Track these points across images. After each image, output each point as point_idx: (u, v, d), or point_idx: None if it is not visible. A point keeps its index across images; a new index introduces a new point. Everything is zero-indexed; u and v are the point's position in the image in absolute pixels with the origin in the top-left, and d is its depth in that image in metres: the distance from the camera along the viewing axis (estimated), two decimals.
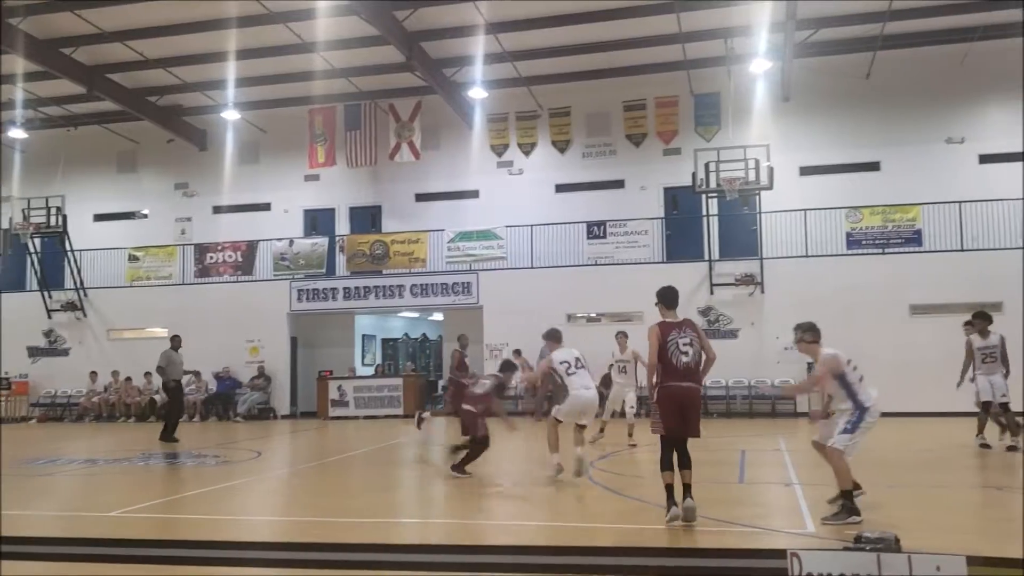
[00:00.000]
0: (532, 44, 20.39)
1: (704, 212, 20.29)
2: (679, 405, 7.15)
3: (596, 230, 20.87)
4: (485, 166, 23.24)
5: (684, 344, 7.21)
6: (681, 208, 21.50)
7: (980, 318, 12.03)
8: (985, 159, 19.98)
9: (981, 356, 11.86)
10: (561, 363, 9.68)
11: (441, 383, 22.72)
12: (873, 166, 20.66)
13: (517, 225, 21.44)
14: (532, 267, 21.03)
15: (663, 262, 20.67)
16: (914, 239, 18.94)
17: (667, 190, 21.83)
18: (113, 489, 10.26)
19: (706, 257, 19.97)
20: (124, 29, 19.47)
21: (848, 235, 19.39)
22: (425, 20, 19.35)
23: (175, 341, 15.95)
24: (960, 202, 18.65)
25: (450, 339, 22.63)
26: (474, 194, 23.23)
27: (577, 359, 9.74)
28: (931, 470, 10.58)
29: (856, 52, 19.92)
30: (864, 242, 19.27)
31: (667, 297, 7.78)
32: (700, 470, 7.71)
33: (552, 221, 21.31)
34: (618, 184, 22.32)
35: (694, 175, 19.25)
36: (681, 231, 21.27)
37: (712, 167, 19.05)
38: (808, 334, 7.62)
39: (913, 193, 19.41)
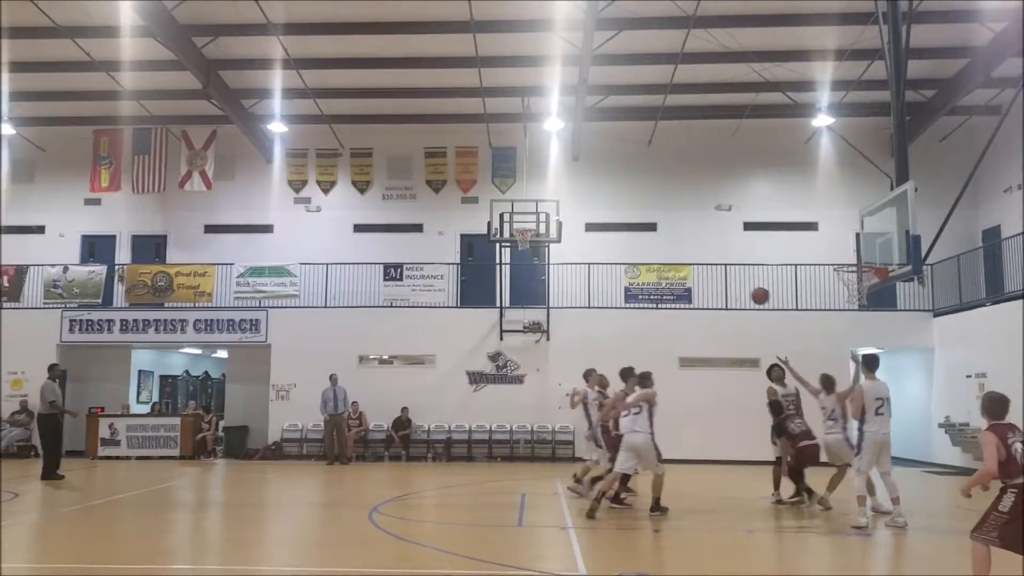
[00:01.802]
0: (336, 83, 20.42)
1: (497, 260, 20.98)
2: None
3: (393, 272, 21.00)
4: (281, 201, 22.84)
5: None
6: (476, 255, 22.12)
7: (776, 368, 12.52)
8: (749, 226, 22.04)
9: (786, 404, 12.29)
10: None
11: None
12: (651, 227, 22.20)
13: (312, 263, 21.15)
14: (326, 306, 20.78)
15: (457, 307, 21.12)
16: (684, 296, 20.50)
17: (463, 237, 22.38)
18: None
19: (497, 304, 20.60)
20: None
21: (627, 289, 20.67)
22: (226, 49, 18.94)
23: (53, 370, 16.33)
24: (726, 264, 20.40)
25: (235, 378, 21.86)
26: (268, 229, 22.75)
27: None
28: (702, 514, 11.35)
29: (640, 120, 21.47)
30: (640, 296, 20.62)
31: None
32: (480, 513, 8.05)
33: (349, 260, 21.23)
34: (417, 228, 22.63)
35: (489, 224, 19.82)
36: (475, 277, 21.87)
37: (506, 218, 19.70)
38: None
39: (685, 254, 21.04)
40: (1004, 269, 18.05)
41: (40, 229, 22.90)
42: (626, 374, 11.80)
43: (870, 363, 10.46)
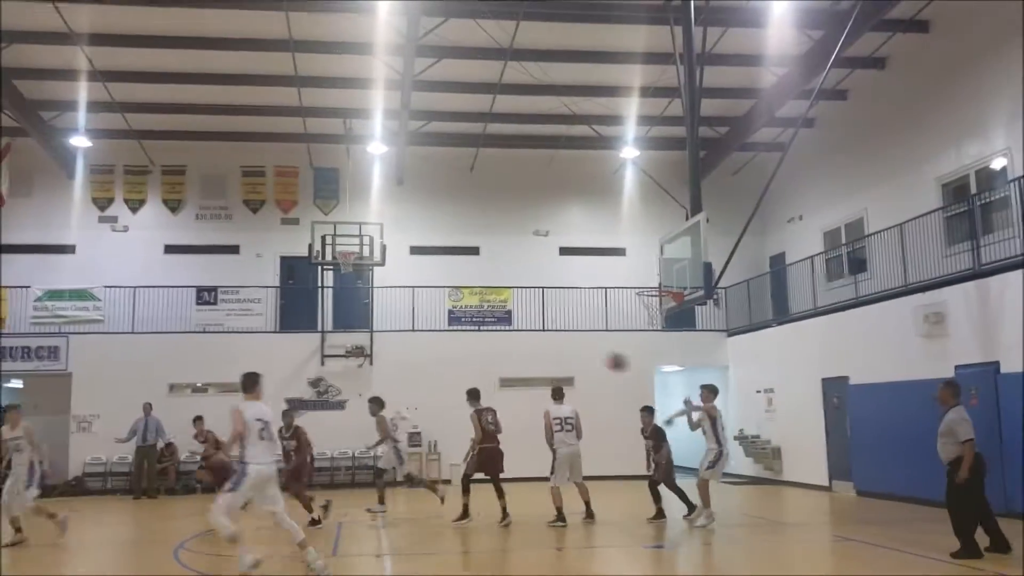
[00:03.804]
0: (146, 97, 19.53)
1: (319, 283, 20.73)
2: None
3: (207, 295, 20.27)
4: (85, 220, 21.50)
5: None
6: (297, 278, 21.75)
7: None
8: (564, 251, 23.01)
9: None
10: None
11: None
12: (474, 250, 22.71)
13: (119, 286, 20.02)
14: (133, 332, 19.71)
15: (276, 331, 20.67)
16: (505, 318, 21.11)
17: (284, 259, 21.95)
18: None
19: (319, 328, 20.33)
20: None
21: (450, 312, 21.03)
22: (21, 57, 17.61)
23: None
24: (544, 287, 21.19)
25: (30, 409, 20.17)
26: (70, 249, 21.34)
27: None
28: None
29: (463, 146, 22.00)
30: (463, 319, 21.04)
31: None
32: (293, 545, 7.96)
33: (160, 284, 20.26)
34: (233, 249, 21.93)
35: (310, 246, 19.60)
36: (296, 301, 21.47)
37: (329, 240, 19.56)
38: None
39: (506, 277, 21.69)
40: (788, 292, 19.90)
41: None
42: (557, 393, 12.64)
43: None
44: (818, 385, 17.18)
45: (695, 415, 12.23)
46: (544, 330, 20.82)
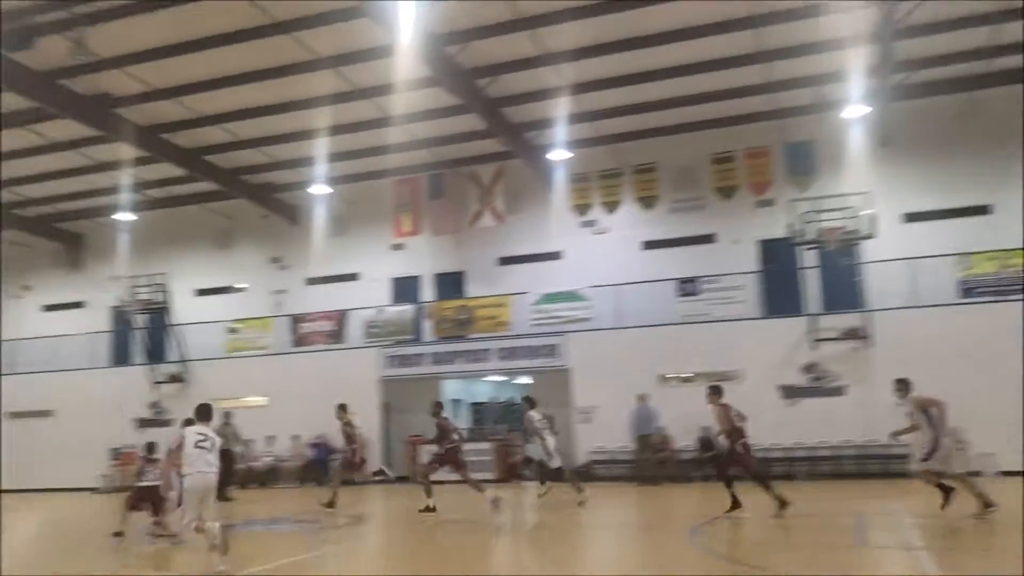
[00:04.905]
0: (613, 102, 20.19)
1: (802, 264, 19.40)
2: None
3: (688, 287, 20.21)
4: (568, 227, 23.01)
5: None
6: (778, 261, 20.64)
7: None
8: None
9: None
10: None
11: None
12: (982, 209, 19.39)
13: (603, 285, 20.99)
14: (620, 327, 20.46)
15: (760, 318, 19.81)
16: None
17: (762, 243, 21.06)
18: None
19: (806, 311, 18.99)
20: (219, 113, 20.31)
21: (961, 283, 18.14)
22: (505, 86, 19.41)
23: (227, 417, 18.85)
24: None
25: (539, 402, 22.16)
26: (557, 255, 23.01)
27: None
28: None
29: (958, 92, 18.94)
30: (978, 290, 17.96)
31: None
32: (813, 535, 7.30)
33: (640, 279, 20.77)
34: (709, 239, 21.68)
35: (790, 226, 18.48)
36: (778, 285, 20.35)
37: (809, 217, 18.26)
38: None
39: None
40: None
41: (354, 276, 25.02)
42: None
43: None
44: None
45: None
46: None
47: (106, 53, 17.17)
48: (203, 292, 26.39)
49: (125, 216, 25.88)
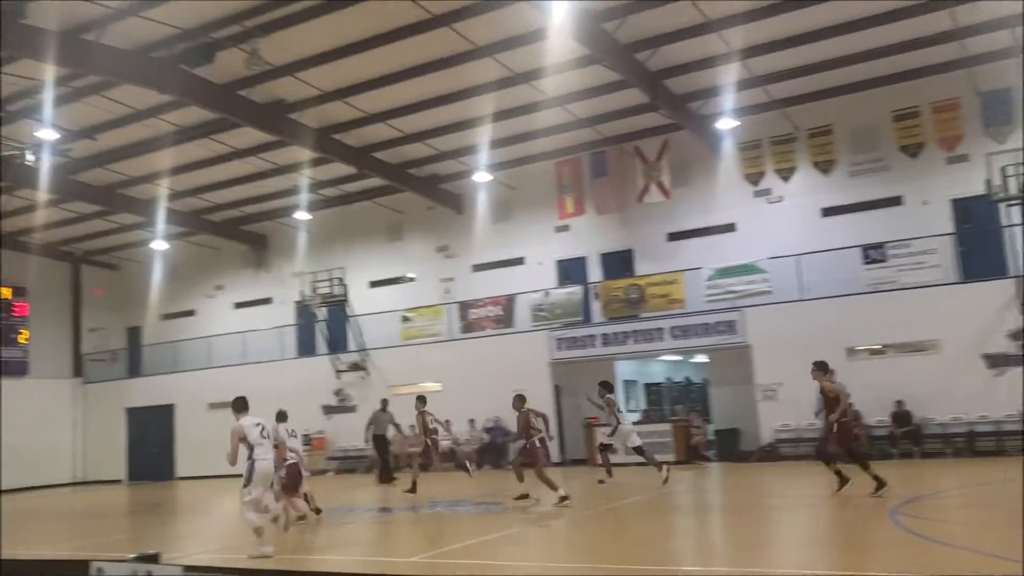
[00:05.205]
0: (783, 65, 19.20)
1: (1005, 222, 17.81)
2: None
3: (873, 254, 19.03)
4: (740, 197, 22.15)
5: None
6: (974, 220, 19.07)
7: None
8: None
9: None
10: None
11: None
12: None
13: (781, 256, 20.10)
14: (802, 299, 19.55)
15: (959, 282, 18.39)
16: None
17: (955, 202, 19.52)
18: (412, 535, 10.86)
19: (1012, 273, 17.44)
20: (385, 110, 20.87)
21: None
22: (666, 57, 18.83)
23: (383, 404, 19.41)
24: None
25: (718, 381, 21.67)
26: (730, 227, 22.20)
27: None
28: None
29: None
30: None
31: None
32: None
33: (821, 248, 19.73)
34: (894, 201, 20.29)
35: (988, 182, 17.01)
36: (977, 246, 18.82)
37: (1010, 171, 16.71)
38: None
39: None
40: None
41: (520, 260, 25.19)
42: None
43: None
44: None
45: None
46: None
47: (278, 61, 17.98)
48: (376, 284, 27.39)
49: (303, 216, 27.23)
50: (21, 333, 29.35)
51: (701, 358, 23.50)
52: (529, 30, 17.10)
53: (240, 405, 10.50)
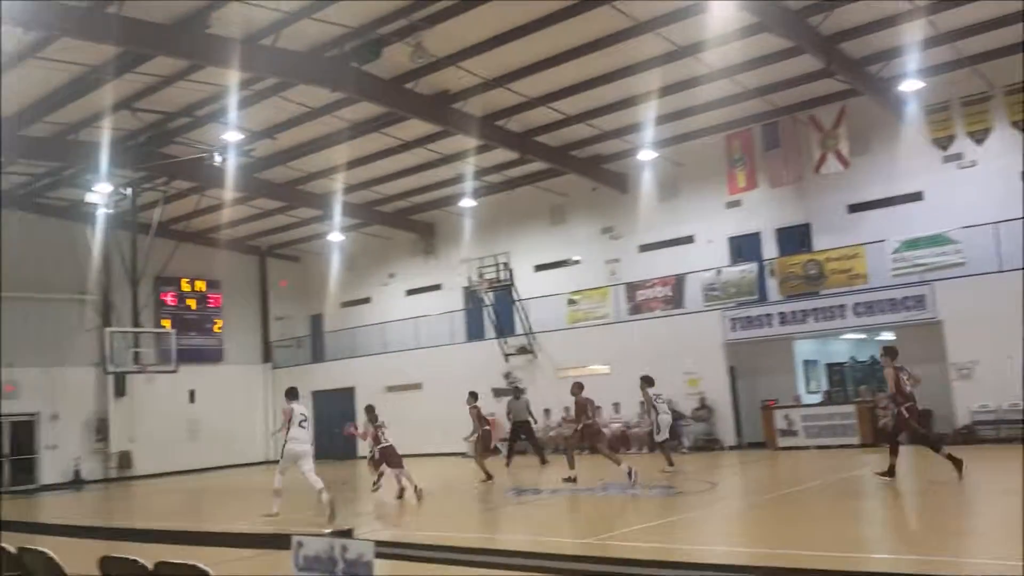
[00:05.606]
0: (973, 18, 17.61)
1: None
2: None
3: None
4: (927, 163, 20.61)
5: None
6: None
7: None
8: None
9: None
10: None
11: None
12: None
13: (975, 225, 18.57)
14: (1000, 271, 18.00)
15: None
16: None
17: None
18: (590, 517, 10.93)
19: None
20: (546, 93, 20.91)
21: None
22: (842, 20, 17.75)
23: (516, 392, 19.77)
24: None
25: (906, 359, 20.25)
26: (916, 196, 20.72)
27: None
28: None
29: None
30: None
31: None
32: None
33: (1020, 216, 18.06)
34: None
35: None
36: None
37: None
38: None
39: None
40: None
41: (690, 239, 24.61)
42: None
43: None
44: None
45: None
46: None
47: (441, 53, 18.37)
48: (541, 267, 27.60)
49: (468, 203, 27.84)
50: (216, 323, 31.89)
51: (887, 335, 22.10)
52: (692, 2, 16.59)
53: (292, 394, 12.96)
